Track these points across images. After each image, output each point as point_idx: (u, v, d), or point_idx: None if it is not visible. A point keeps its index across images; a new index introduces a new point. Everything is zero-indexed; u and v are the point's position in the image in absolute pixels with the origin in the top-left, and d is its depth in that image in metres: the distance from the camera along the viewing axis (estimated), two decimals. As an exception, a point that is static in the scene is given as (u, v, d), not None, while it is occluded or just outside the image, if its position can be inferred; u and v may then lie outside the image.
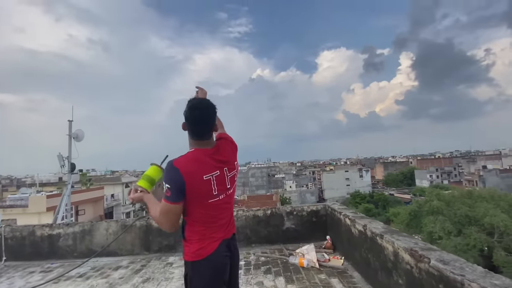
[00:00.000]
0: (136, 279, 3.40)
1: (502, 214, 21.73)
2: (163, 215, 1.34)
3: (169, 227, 1.38)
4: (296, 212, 4.25)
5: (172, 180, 1.29)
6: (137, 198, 1.51)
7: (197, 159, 1.36)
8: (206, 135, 1.42)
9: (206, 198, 1.36)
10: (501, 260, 19.35)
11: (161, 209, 1.33)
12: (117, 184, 33.61)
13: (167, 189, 1.28)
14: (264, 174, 65.84)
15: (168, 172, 1.31)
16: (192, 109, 1.39)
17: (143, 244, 4.30)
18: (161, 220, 1.36)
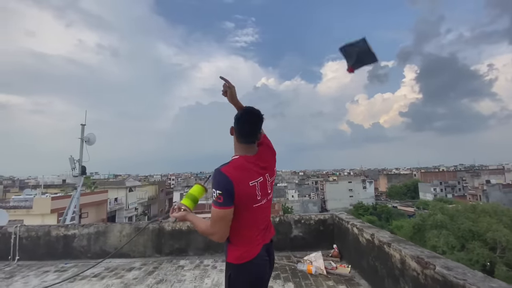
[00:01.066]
0: (150, 280, 3.54)
1: (505, 229, 21.51)
2: (217, 222, 1.37)
3: (222, 235, 1.40)
4: (304, 220, 4.38)
5: (223, 186, 1.33)
6: (181, 217, 1.53)
7: (242, 166, 1.42)
8: (252, 140, 1.49)
9: (252, 203, 1.42)
10: (502, 276, 19.06)
11: (214, 217, 1.36)
12: (121, 188, 33.79)
13: (218, 195, 1.31)
14: (266, 183, 65.51)
15: (218, 178, 1.35)
16: (244, 112, 1.50)
17: (155, 246, 4.45)
18: (214, 229, 1.38)
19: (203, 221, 1.48)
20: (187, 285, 3.36)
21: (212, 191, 1.34)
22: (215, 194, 1.32)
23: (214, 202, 1.33)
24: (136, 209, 36.14)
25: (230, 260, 1.47)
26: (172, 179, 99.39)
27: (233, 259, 1.46)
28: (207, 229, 1.41)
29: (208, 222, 1.41)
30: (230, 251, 1.47)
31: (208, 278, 3.52)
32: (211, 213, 1.37)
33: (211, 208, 1.37)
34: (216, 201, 1.33)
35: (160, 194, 45.82)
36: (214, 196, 1.32)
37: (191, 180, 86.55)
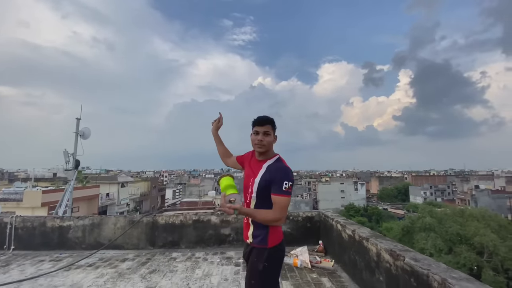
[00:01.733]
0: (143, 270, 3.70)
1: (492, 234, 22.09)
2: (285, 209, 1.60)
3: (285, 219, 1.70)
4: (292, 217, 4.59)
5: (292, 178, 1.63)
6: (241, 209, 1.54)
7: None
8: None
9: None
10: (489, 280, 19.59)
11: (285, 205, 1.58)
12: (113, 184, 33.61)
13: (290, 186, 1.59)
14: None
15: (289, 171, 1.64)
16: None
17: (149, 239, 4.60)
18: (283, 215, 1.59)
19: (261, 210, 1.62)
20: (178, 275, 3.52)
21: (284, 183, 1.58)
22: (287, 185, 1.58)
23: (285, 192, 1.57)
24: (128, 205, 35.98)
25: (272, 243, 1.64)
26: (165, 175, 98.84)
27: (274, 241, 1.65)
28: (276, 216, 1.58)
29: (268, 211, 1.59)
30: (272, 234, 1.65)
31: (199, 269, 3.69)
32: (280, 202, 1.57)
33: (279, 198, 1.57)
34: (287, 191, 1.58)
35: (152, 191, 45.64)
36: (285, 187, 1.57)
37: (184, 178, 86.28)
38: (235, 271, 3.60)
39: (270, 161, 1.74)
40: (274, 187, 1.59)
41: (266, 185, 1.63)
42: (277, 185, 1.58)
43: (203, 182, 68.82)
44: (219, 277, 3.44)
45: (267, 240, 1.64)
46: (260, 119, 1.77)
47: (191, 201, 40.97)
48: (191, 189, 65.34)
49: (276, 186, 1.58)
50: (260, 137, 1.73)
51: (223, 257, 4.14)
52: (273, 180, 1.61)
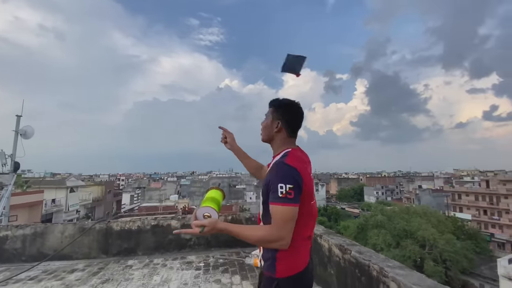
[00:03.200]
0: (95, 280, 3.46)
1: (432, 229, 24.88)
2: (287, 223, 1.12)
3: (289, 239, 1.14)
4: (255, 218, 4.68)
5: (294, 179, 1.13)
6: (211, 225, 1.16)
7: (301, 158, 1.28)
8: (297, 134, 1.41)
9: (310, 200, 1.25)
10: (430, 270, 22.01)
11: (284, 217, 1.11)
12: (60, 188, 30.46)
13: (289, 190, 1.11)
14: (225, 184, 65.44)
15: (286, 171, 1.16)
16: (296, 105, 1.38)
17: (102, 247, 4.30)
18: (283, 232, 1.12)
19: (249, 226, 1.21)
20: (135, 283, 3.37)
21: (279, 186, 1.12)
22: (283, 189, 1.11)
23: (282, 199, 1.11)
24: (78, 212, 32.93)
25: (282, 273, 1.18)
26: (122, 179, 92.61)
27: (286, 269, 1.19)
28: (271, 234, 1.12)
29: (261, 226, 1.19)
30: (283, 259, 1.19)
31: (157, 276, 3.58)
32: (277, 213, 1.12)
33: (273, 207, 1.14)
34: (285, 198, 1.11)
35: (107, 196, 42.37)
36: (281, 192, 1.11)
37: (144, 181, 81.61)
38: (195, 275, 3.56)
39: (276, 158, 1.32)
40: (270, 192, 1.17)
41: (266, 190, 1.21)
42: (272, 190, 1.15)
43: (164, 186, 65.89)
44: (178, 282, 3.37)
45: (275, 267, 1.19)
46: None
47: (150, 206, 39.00)
48: (151, 193, 62.09)
49: (271, 192, 1.16)
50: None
51: (184, 262, 4.07)
52: (269, 182, 1.19)
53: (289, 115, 1.36)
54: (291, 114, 1.37)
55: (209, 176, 79.46)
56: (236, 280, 3.38)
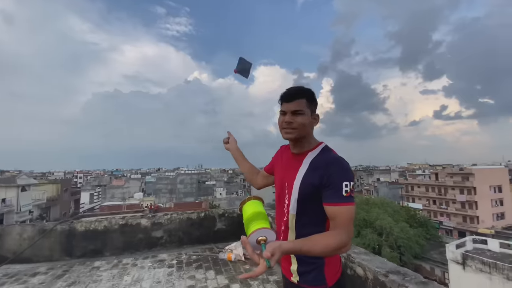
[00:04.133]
0: (60, 283, 3.26)
1: (389, 218, 27.15)
2: (353, 222, 1.00)
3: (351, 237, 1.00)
4: (228, 214, 4.75)
5: (353, 176, 1.05)
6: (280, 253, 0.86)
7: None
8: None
9: None
10: (386, 256, 24.01)
11: (351, 217, 0.99)
12: (10, 187, 27.43)
13: (352, 187, 1.01)
14: (194, 181, 64.11)
15: (348, 167, 1.05)
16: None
17: (64, 249, 4.04)
18: (351, 234, 0.99)
19: (317, 238, 0.96)
20: (104, 284, 3.25)
21: (343, 184, 0.99)
22: (348, 187, 0.99)
23: (348, 198, 0.99)
24: (31, 212, 30.04)
25: (332, 279, 1.08)
26: (80, 177, 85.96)
27: (335, 274, 1.09)
28: (343, 240, 0.95)
29: (329, 234, 0.98)
30: (330, 264, 1.09)
31: (127, 276, 3.48)
32: (344, 215, 0.98)
33: (340, 208, 0.99)
34: (350, 196, 0.99)
35: (63, 195, 39.13)
36: (346, 191, 0.99)
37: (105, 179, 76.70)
38: (168, 273, 3.53)
39: (313, 153, 1.13)
40: (328, 192, 1.01)
41: (312, 191, 1.05)
42: (333, 189, 1.00)
43: (128, 183, 62.53)
44: (150, 280, 3.32)
45: (324, 275, 1.06)
46: (287, 92, 1.16)
47: (113, 205, 36.87)
48: (113, 191, 58.63)
49: (332, 191, 1.00)
50: (288, 118, 1.13)
51: (155, 261, 3.99)
52: (326, 181, 1.02)
53: (317, 104, 1.21)
54: (317, 103, 1.22)
55: (176, 173, 77.19)
56: (211, 275, 3.42)
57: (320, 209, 1.04)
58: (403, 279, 1.70)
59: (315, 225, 1.05)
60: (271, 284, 3.11)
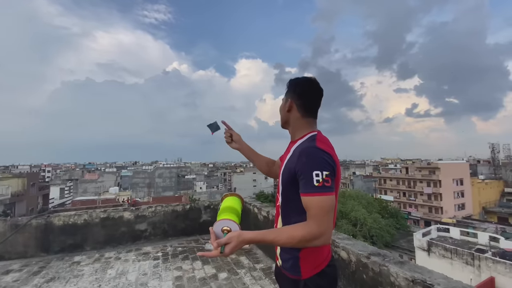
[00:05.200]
0: (37, 279, 3.14)
1: (363, 210, 28.57)
2: (327, 214, 0.95)
3: (330, 233, 0.98)
4: (213, 205, 4.77)
5: (330, 165, 0.99)
6: (238, 243, 0.94)
7: (328, 142, 1.11)
8: (316, 114, 1.22)
9: (338, 188, 1.08)
10: (360, 245, 25.37)
11: (324, 208, 0.94)
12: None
13: (326, 177, 0.95)
14: (173, 175, 62.82)
15: (321, 156, 0.99)
16: (315, 82, 1.19)
17: (40, 245, 3.87)
18: (324, 226, 0.94)
19: (283, 229, 0.99)
20: (86, 278, 3.17)
21: (314, 174, 0.96)
22: (319, 177, 0.95)
23: (320, 188, 0.95)
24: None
25: (308, 272, 1.06)
26: (48, 170, 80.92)
27: (312, 267, 1.06)
28: (312, 231, 0.93)
29: (296, 226, 0.97)
30: (307, 257, 1.06)
31: (111, 269, 3.42)
32: (314, 205, 0.95)
33: (309, 198, 0.96)
34: (323, 186, 0.95)
35: (30, 189, 36.67)
36: (318, 180, 0.95)
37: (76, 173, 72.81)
38: (154, 265, 3.52)
39: (300, 141, 1.13)
40: (301, 182, 1.00)
41: (291, 179, 1.05)
42: (304, 179, 0.98)
43: (102, 177, 59.84)
44: (136, 273, 3.29)
45: (299, 267, 1.06)
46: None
47: (86, 199, 35.24)
48: (86, 185, 55.87)
49: (303, 181, 0.99)
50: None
51: (139, 254, 3.95)
52: (298, 170, 1.01)
53: (301, 91, 1.17)
54: (303, 89, 1.17)
55: (154, 167, 75.14)
56: (198, 265, 3.46)
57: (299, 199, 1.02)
58: (383, 260, 1.86)
59: (298, 214, 1.02)
60: (257, 272, 3.22)
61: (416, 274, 1.60)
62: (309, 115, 1.19)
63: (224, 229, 1.04)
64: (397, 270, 1.69)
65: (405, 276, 1.63)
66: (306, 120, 1.18)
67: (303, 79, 1.22)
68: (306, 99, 1.18)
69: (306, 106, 1.18)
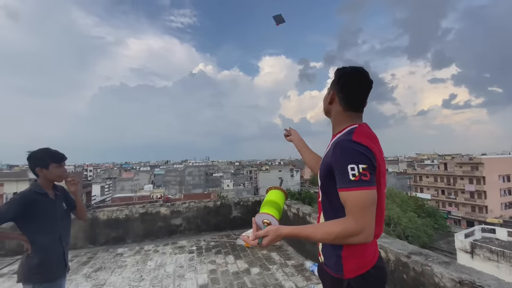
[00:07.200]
0: (86, 269, 3.44)
1: (397, 208, 27.16)
2: (367, 210, 0.89)
3: (372, 229, 0.91)
4: (243, 202, 4.86)
5: (367, 158, 0.92)
6: (275, 236, 0.97)
7: (372, 135, 1.04)
8: (363, 108, 1.15)
9: (384, 184, 1.03)
10: (394, 245, 24.18)
11: (362, 204, 0.89)
12: (22, 181, 28.26)
13: (363, 170, 0.90)
14: (202, 173, 64.88)
15: (355, 149, 0.94)
16: (361, 74, 1.12)
17: (88, 237, 4.23)
18: (364, 222, 0.89)
19: (320, 225, 0.98)
20: (129, 269, 3.42)
21: (349, 168, 0.91)
22: (355, 171, 0.90)
23: (356, 182, 0.90)
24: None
25: (351, 272, 1.01)
26: (90, 170, 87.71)
27: (356, 267, 1.01)
28: (349, 228, 0.89)
29: (334, 222, 0.94)
30: (350, 256, 1.01)
31: (151, 261, 3.64)
32: (352, 201, 0.90)
33: (346, 193, 0.91)
34: (359, 180, 0.90)
35: (76, 187, 40.06)
36: (354, 175, 0.90)
37: (114, 172, 78.16)
38: (189, 258, 3.68)
39: (339, 135, 1.08)
40: (338, 177, 0.95)
41: (328, 174, 1.01)
42: (340, 174, 0.94)
43: (137, 176, 63.68)
44: (173, 265, 3.48)
45: (342, 266, 1.02)
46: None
47: (124, 196, 37.76)
48: (123, 183, 59.85)
49: (339, 176, 0.94)
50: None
51: (175, 247, 4.15)
52: (334, 164, 0.97)
53: (345, 84, 1.11)
54: (348, 82, 1.11)
55: (184, 165, 78.08)
56: (230, 259, 3.56)
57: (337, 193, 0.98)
58: (426, 259, 1.76)
59: (339, 210, 0.97)
60: (289, 268, 3.22)
61: (464, 275, 1.51)
62: (352, 109, 1.12)
63: (265, 221, 1.07)
64: (442, 270, 1.60)
65: (451, 277, 1.54)
66: (348, 114, 1.12)
67: (349, 69, 1.14)
68: (349, 92, 1.11)
69: (348, 100, 1.11)
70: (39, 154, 1.72)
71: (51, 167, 1.72)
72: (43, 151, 1.73)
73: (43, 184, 1.73)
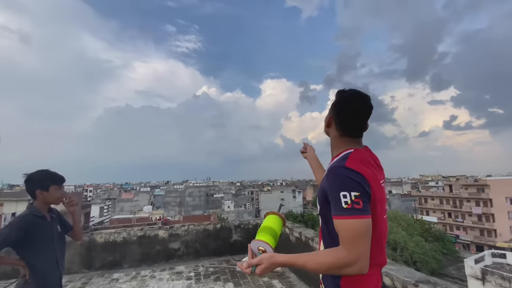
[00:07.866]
0: (80, 295, 3.30)
1: (403, 232, 26.27)
2: (360, 240, 0.86)
3: (367, 260, 0.87)
4: (243, 225, 4.75)
5: (360, 185, 0.89)
6: (269, 265, 0.92)
7: (366, 160, 1.00)
8: (362, 133, 1.12)
9: (382, 211, 0.98)
10: (401, 271, 23.12)
11: (355, 233, 0.85)
12: (22, 201, 27.96)
13: (355, 198, 0.87)
14: (203, 194, 64.05)
15: (348, 176, 0.91)
16: (360, 99, 1.08)
17: (84, 261, 4.10)
18: (357, 252, 0.85)
19: (315, 254, 0.93)
20: (124, 296, 3.27)
21: (341, 195, 0.88)
22: (347, 198, 0.87)
23: (349, 210, 0.87)
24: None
25: None
26: (90, 190, 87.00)
27: None
28: (341, 258, 0.85)
29: (327, 251, 0.92)
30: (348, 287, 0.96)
31: (147, 288, 3.49)
32: (344, 230, 0.87)
33: (339, 221, 0.89)
34: (352, 208, 0.87)
35: (75, 208, 39.51)
36: (346, 202, 0.87)
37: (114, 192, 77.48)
38: (187, 285, 3.53)
39: (334, 161, 1.07)
40: (331, 204, 0.93)
41: (325, 199, 0.98)
42: (333, 201, 0.92)
43: (137, 197, 62.95)
44: (170, 292, 3.32)
45: None
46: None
47: (123, 218, 37.07)
48: (123, 204, 59.05)
49: (332, 203, 0.92)
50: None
51: (173, 273, 4.00)
52: (327, 191, 0.96)
53: (341, 110, 1.09)
54: (344, 109, 1.09)
55: (185, 186, 77.36)
56: (230, 287, 3.40)
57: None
58: (435, 289, 1.68)
59: (334, 238, 0.93)
60: (292, 297, 3.07)
61: (476, 307, 1.42)
62: (348, 135, 1.10)
63: (260, 248, 1.04)
64: (451, 301, 1.52)
65: (462, 308, 1.45)
66: (344, 139, 1.10)
67: (347, 94, 1.11)
68: (345, 119, 1.09)
69: (344, 126, 1.09)
70: (39, 176, 1.71)
71: (51, 189, 1.70)
72: (42, 173, 1.72)
73: (39, 206, 1.71)
